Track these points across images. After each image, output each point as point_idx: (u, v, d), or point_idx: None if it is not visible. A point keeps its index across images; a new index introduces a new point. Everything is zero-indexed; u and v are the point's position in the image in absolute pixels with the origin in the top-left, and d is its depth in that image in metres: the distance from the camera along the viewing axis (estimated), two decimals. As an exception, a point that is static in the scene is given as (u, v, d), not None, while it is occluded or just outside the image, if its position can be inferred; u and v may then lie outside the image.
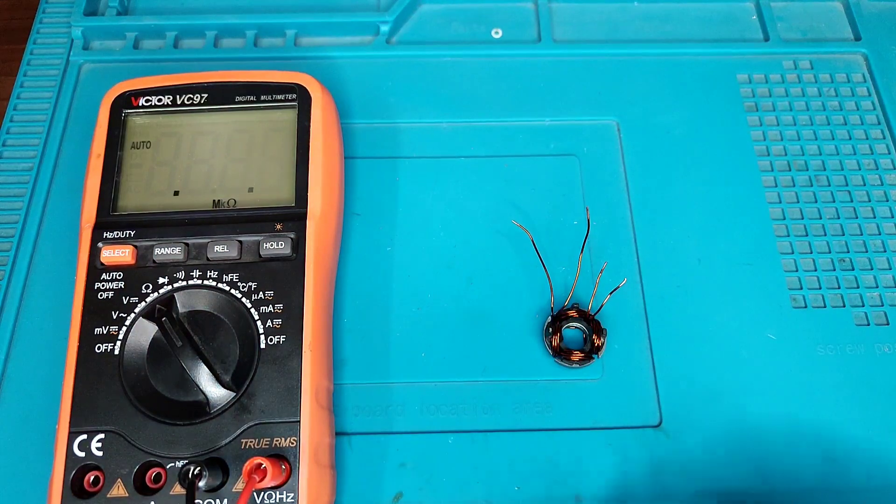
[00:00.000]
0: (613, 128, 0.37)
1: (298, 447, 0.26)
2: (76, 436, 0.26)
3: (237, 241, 0.29)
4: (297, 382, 0.27)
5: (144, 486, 0.26)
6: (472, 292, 0.32)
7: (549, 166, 0.35)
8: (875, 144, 0.36)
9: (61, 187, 0.35)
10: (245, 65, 0.38)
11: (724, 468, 0.29)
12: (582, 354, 0.30)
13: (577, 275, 0.32)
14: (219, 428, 0.26)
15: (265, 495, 0.25)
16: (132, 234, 0.29)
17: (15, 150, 0.36)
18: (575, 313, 0.31)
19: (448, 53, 0.39)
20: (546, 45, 0.39)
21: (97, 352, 0.27)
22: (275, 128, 0.31)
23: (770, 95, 0.38)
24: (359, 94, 0.37)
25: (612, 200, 0.35)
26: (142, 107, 0.31)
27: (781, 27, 0.40)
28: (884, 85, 0.38)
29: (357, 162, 0.35)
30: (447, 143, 0.36)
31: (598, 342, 0.30)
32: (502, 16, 0.40)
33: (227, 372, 0.27)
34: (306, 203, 0.29)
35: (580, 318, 0.31)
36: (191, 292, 0.28)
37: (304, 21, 0.39)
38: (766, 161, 0.36)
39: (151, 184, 0.30)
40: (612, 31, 0.40)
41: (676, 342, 0.31)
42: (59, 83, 0.37)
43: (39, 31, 0.39)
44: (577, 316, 0.31)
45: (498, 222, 0.34)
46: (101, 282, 0.28)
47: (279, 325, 0.27)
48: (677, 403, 0.30)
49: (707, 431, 0.30)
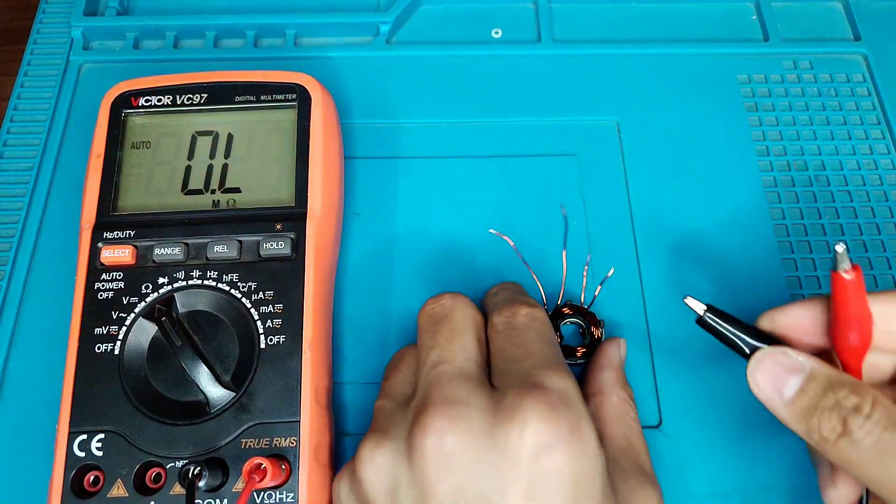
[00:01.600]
0: (613, 128, 0.37)
1: (298, 447, 0.26)
2: (76, 436, 0.26)
3: (237, 241, 0.29)
4: (296, 382, 0.27)
5: (144, 486, 0.26)
6: (471, 292, 0.32)
7: (549, 166, 0.35)
8: (875, 144, 0.36)
9: (61, 187, 0.35)
10: (245, 65, 0.38)
11: (724, 468, 0.29)
12: (584, 349, 0.30)
13: (565, 272, 0.32)
14: (219, 428, 0.26)
15: (265, 495, 0.25)
16: (132, 234, 0.29)
17: (15, 150, 0.36)
18: (569, 309, 0.31)
19: (448, 53, 0.39)
20: (546, 45, 0.39)
21: (97, 352, 0.27)
22: (275, 128, 0.31)
23: (770, 95, 0.38)
24: (359, 94, 0.37)
25: (612, 200, 0.35)
26: (142, 107, 0.31)
27: (781, 27, 0.40)
28: (884, 85, 0.38)
29: (357, 162, 0.35)
30: (447, 143, 0.36)
31: (597, 334, 0.31)
32: (502, 16, 0.40)
33: (227, 372, 0.27)
34: (306, 203, 0.30)
35: (575, 313, 0.31)
36: (191, 292, 0.28)
37: (304, 21, 0.39)
38: (766, 161, 0.36)
39: (151, 184, 0.30)
40: (612, 31, 0.40)
41: (676, 342, 0.31)
42: (59, 83, 0.37)
43: (39, 32, 0.39)
44: (572, 312, 0.31)
45: (498, 222, 0.34)
46: (101, 282, 0.28)
47: (279, 325, 0.27)
48: (677, 403, 0.30)
49: (707, 431, 0.30)
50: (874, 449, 0.21)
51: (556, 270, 0.33)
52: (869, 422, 0.21)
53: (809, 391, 0.23)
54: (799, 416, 0.23)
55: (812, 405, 0.22)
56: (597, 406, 0.27)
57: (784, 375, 0.23)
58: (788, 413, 0.23)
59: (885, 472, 0.21)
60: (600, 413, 0.27)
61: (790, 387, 0.23)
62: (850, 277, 0.22)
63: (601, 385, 0.28)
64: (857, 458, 0.21)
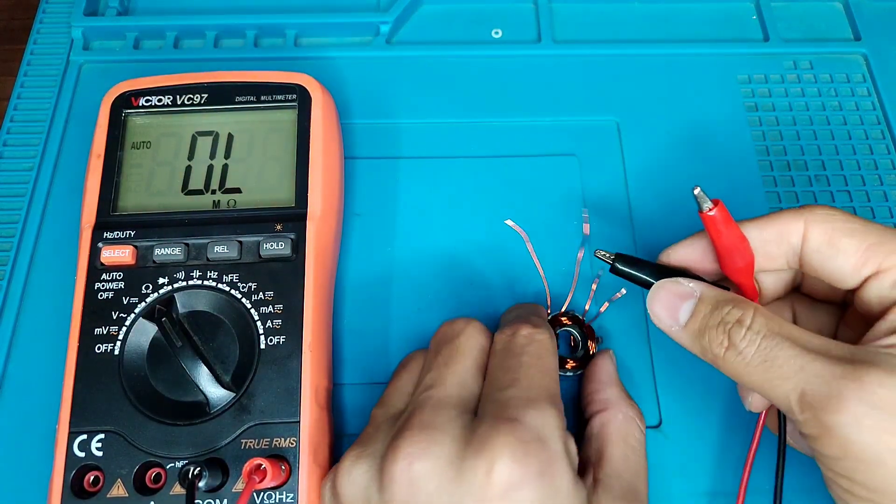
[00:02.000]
0: (613, 128, 0.37)
1: (298, 447, 0.26)
2: (76, 436, 0.26)
3: (237, 241, 0.29)
4: (296, 383, 0.27)
5: (144, 486, 0.26)
6: (472, 292, 0.32)
7: (549, 166, 0.35)
8: (875, 144, 0.36)
9: (61, 187, 0.35)
10: (245, 65, 0.38)
11: (724, 468, 0.29)
12: (575, 363, 0.30)
13: (575, 281, 0.32)
14: (219, 428, 0.26)
15: (265, 496, 0.25)
16: (132, 234, 0.29)
17: (15, 150, 0.36)
18: (568, 320, 0.31)
19: (448, 53, 0.39)
20: (546, 45, 0.39)
21: (97, 352, 0.27)
22: (275, 128, 0.31)
23: (770, 95, 0.38)
24: (359, 94, 0.37)
25: (612, 200, 0.35)
26: (142, 107, 0.31)
27: (781, 27, 0.40)
28: (884, 85, 0.38)
29: (357, 162, 0.35)
30: (447, 143, 0.36)
31: (592, 348, 0.30)
32: (502, 16, 0.40)
33: (227, 372, 0.27)
34: (306, 203, 0.30)
35: (574, 324, 0.31)
36: (191, 293, 0.28)
37: (304, 21, 0.39)
38: (767, 161, 0.36)
39: (151, 184, 0.30)
40: (612, 31, 0.40)
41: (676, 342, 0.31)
42: (59, 83, 0.37)
43: (39, 31, 0.39)
44: (571, 323, 0.31)
45: (498, 222, 0.34)
46: (102, 282, 0.28)
47: (279, 326, 0.27)
48: (677, 403, 0.30)
49: (707, 431, 0.30)
50: (756, 356, 0.22)
51: (556, 272, 0.33)
52: (750, 332, 0.23)
53: (700, 313, 0.24)
54: (693, 338, 0.24)
55: (703, 326, 0.24)
56: (601, 424, 0.27)
57: (677, 302, 0.25)
58: (685, 336, 0.25)
59: (767, 376, 0.22)
60: (604, 432, 0.26)
61: (684, 311, 0.24)
62: (713, 213, 0.24)
63: (606, 402, 0.27)
64: (744, 367, 0.23)
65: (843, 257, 0.24)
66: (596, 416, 0.27)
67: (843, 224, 0.24)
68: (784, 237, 0.25)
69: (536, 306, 0.29)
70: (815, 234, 0.24)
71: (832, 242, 0.24)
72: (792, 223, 0.25)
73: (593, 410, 0.27)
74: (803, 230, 0.25)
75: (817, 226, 0.24)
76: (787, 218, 0.25)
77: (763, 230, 0.25)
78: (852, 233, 0.24)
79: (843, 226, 0.24)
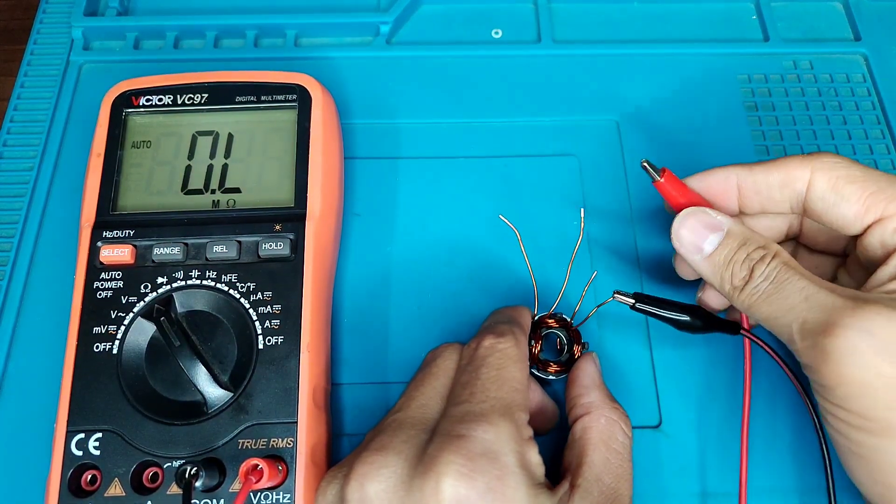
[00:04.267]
0: (613, 127, 0.37)
1: (295, 448, 0.26)
2: (74, 435, 0.26)
3: (236, 241, 0.29)
4: (294, 383, 0.27)
5: (141, 485, 0.26)
6: (471, 292, 0.32)
7: (549, 166, 0.35)
8: (875, 144, 0.36)
9: (61, 187, 0.35)
10: (245, 65, 0.38)
11: (724, 468, 0.29)
12: (559, 367, 0.29)
13: (566, 282, 0.32)
14: (216, 428, 0.26)
15: (262, 496, 0.25)
16: (131, 233, 0.29)
17: (15, 150, 0.36)
18: (556, 322, 0.30)
19: (448, 53, 0.39)
20: (546, 45, 0.39)
21: (95, 351, 0.27)
22: (275, 128, 0.31)
23: (770, 95, 0.38)
24: (359, 94, 0.37)
25: (612, 200, 0.35)
26: (142, 106, 0.31)
27: (781, 27, 0.40)
28: (884, 85, 0.38)
29: (357, 162, 0.35)
30: (447, 142, 0.36)
31: (577, 352, 0.29)
32: (502, 16, 0.40)
33: (225, 372, 0.27)
34: (305, 204, 0.30)
35: (561, 327, 0.30)
36: (189, 292, 0.28)
37: (304, 21, 0.39)
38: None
39: (151, 183, 0.30)
40: (612, 31, 0.40)
41: (676, 342, 0.31)
42: (59, 83, 0.37)
43: (39, 31, 0.39)
44: (558, 325, 0.30)
45: (498, 222, 0.34)
46: (101, 281, 0.28)
47: (277, 326, 0.27)
48: (677, 403, 0.30)
49: (707, 431, 0.30)
50: (769, 289, 0.24)
51: (553, 272, 0.33)
52: (768, 267, 0.24)
53: (726, 247, 0.25)
54: (715, 269, 0.26)
55: (727, 259, 0.25)
56: (583, 428, 0.26)
57: (705, 232, 0.26)
58: (706, 266, 0.26)
59: (774, 307, 0.24)
60: (585, 436, 0.26)
61: (710, 242, 0.26)
62: (664, 179, 0.27)
63: (589, 406, 0.26)
64: (756, 299, 0.24)
65: (847, 204, 0.25)
66: (578, 421, 0.26)
67: (847, 171, 0.25)
68: (789, 183, 0.26)
69: (517, 310, 0.29)
70: (820, 181, 0.25)
71: (836, 189, 0.25)
72: (798, 170, 0.25)
73: (576, 415, 0.27)
74: (809, 177, 0.25)
75: (822, 173, 0.25)
76: (793, 164, 0.26)
77: (769, 175, 0.26)
78: (856, 180, 0.24)
79: (848, 173, 0.25)
